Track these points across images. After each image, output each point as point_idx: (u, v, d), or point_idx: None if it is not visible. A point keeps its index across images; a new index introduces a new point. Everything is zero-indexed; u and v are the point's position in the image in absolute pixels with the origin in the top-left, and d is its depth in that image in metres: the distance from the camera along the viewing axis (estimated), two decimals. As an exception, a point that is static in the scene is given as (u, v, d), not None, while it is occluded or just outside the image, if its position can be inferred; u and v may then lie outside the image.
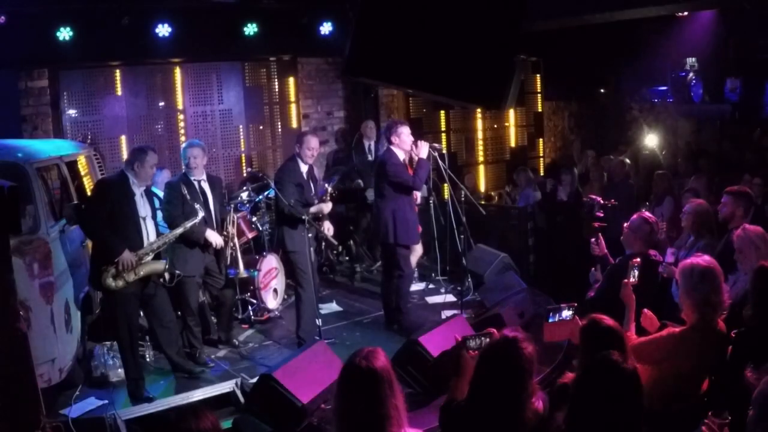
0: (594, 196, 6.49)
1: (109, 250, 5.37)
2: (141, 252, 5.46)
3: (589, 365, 2.83)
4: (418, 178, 6.59)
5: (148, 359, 6.18)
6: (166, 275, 5.61)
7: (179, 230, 5.73)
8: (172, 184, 6.15)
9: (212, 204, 6.27)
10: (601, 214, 6.09)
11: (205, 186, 6.23)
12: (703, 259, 4.01)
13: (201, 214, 5.85)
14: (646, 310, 4.29)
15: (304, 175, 6.44)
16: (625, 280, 4.35)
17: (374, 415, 2.73)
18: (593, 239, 5.60)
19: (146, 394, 5.49)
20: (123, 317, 5.49)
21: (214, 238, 6.10)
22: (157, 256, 5.61)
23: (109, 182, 5.78)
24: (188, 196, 5.98)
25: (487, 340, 3.51)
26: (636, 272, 4.43)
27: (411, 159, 6.76)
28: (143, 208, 5.59)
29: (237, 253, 6.47)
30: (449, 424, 3.19)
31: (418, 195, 7.14)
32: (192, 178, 6.14)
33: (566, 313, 4.31)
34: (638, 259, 4.59)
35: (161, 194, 6.48)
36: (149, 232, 5.61)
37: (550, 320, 4.28)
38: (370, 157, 9.09)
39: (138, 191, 5.56)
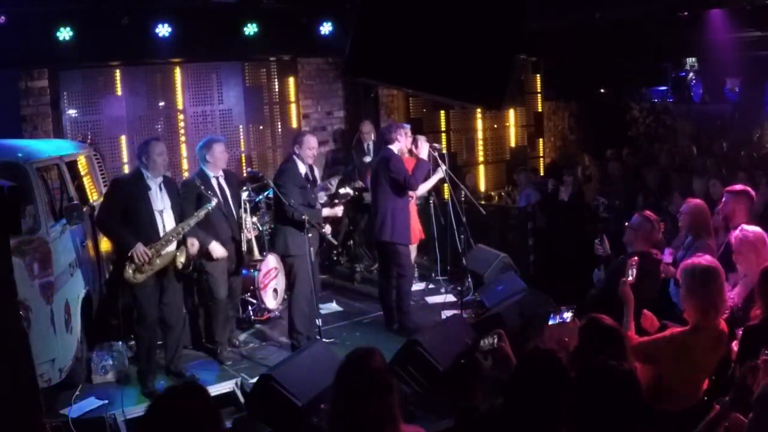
0: (600, 197, 6.49)
1: (124, 245, 5.41)
2: (156, 245, 5.46)
3: (585, 371, 2.80)
4: (416, 177, 6.58)
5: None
6: (181, 261, 5.60)
7: (193, 220, 5.69)
8: (187, 182, 6.18)
9: (231, 200, 6.30)
10: (606, 215, 6.09)
11: (223, 183, 6.25)
12: (705, 259, 4.01)
13: (214, 201, 5.82)
14: (645, 310, 4.29)
15: (304, 177, 6.43)
16: (623, 279, 4.35)
17: (368, 414, 2.74)
18: (597, 239, 5.60)
19: (153, 388, 5.53)
20: (141, 311, 5.54)
21: (219, 252, 6.11)
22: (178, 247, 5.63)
23: (122, 180, 5.84)
24: (203, 189, 5.94)
25: (496, 339, 3.51)
26: (634, 271, 4.43)
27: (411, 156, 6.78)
28: (160, 201, 5.59)
29: (253, 243, 6.59)
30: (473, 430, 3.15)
31: (414, 195, 7.14)
32: (210, 175, 6.15)
33: (566, 315, 4.31)
34: (636, 258, 4.58)
35: None
36: (166, 225, 5.61)
37: (551, 322, 4.28)
38: (368, 157, 9.08)
39: (154, 185, 5.58)
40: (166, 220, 5.61)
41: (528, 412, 2.84)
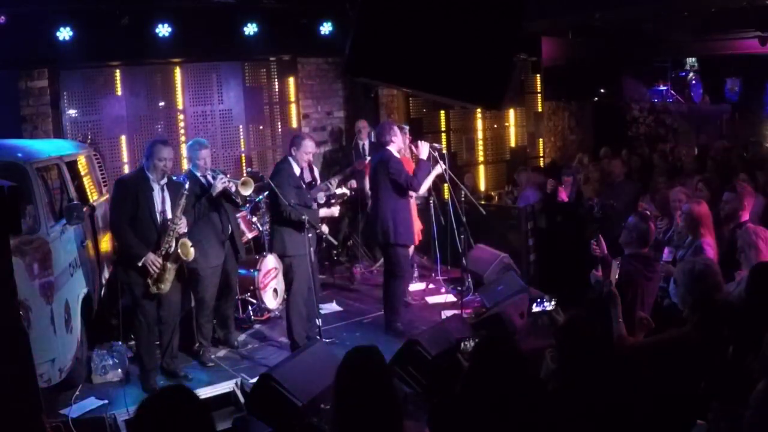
0: (594, 198, 6.49)
1: (134, 255, 5.39)
2: (161, 249, 5.44)
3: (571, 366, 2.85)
4: (418, 179, 6.59)
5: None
6: (190, 252, 5.58)
7: (178, 210, 5.60)
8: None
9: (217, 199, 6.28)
10: (600, 216, 6.08)
11: (212, 182, 6.24)
12: (702, 258, 4.02)
13: (186, 184, 5.79)
14: (639, 312, 4.30)
15: (299, 177, 6.43)
16: (607, 281, 4.36)
17: (370, 413, 2.76)
18: (593, 240, 5.59)
19: (155, 386, 5.52)
20: (139, 308, 5.55)
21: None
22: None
23: (126, 180, 5.82)
24: (197, 190, 5.96)
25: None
26: (617, 271, 4.45)
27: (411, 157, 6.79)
28: (161, 203, 5.56)
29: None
30: (438, 421, 3.19)
31: (413, 195, 7.15)
32: (198, 175, 6.18)
33: (548, 304, 4.35)
34: (618, 259, 4.60)
35: None
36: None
37: (534, 309, 4.32)
38: (367, 158, 9.08)
39: (156, 186, 5.56)
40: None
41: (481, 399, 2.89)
